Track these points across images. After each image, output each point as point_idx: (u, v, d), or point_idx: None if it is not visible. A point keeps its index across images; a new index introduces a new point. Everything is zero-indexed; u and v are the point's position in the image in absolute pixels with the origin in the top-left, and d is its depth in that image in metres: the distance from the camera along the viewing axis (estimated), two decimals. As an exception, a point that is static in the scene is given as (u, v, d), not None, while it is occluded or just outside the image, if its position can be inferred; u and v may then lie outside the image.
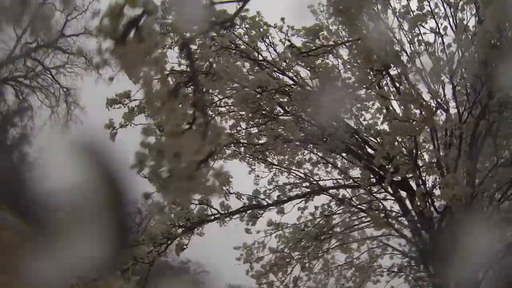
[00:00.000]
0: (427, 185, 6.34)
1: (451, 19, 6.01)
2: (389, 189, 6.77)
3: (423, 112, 5.07)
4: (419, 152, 6.27)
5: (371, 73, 4.63)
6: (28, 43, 26.10)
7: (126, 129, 5.80)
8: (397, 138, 5.77)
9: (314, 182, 7.29)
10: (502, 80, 4.51)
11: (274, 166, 7.25)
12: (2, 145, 23.63)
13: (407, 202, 6.49)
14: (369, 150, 6.56)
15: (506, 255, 6.32)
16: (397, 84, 5.48)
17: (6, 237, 14.76)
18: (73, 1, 27.82)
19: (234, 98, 5.86)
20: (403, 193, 6.52)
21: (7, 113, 24.66)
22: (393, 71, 4.88)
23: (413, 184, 6.35)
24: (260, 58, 6.05)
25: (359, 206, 7.27)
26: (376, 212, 7.10)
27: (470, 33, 5.73)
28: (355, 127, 6.60)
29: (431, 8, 5.91)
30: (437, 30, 6.01)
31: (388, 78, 5.36)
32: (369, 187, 6.98)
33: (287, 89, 5.79)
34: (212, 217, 5.61)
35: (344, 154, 6.98)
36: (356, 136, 6.47)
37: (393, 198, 6.81)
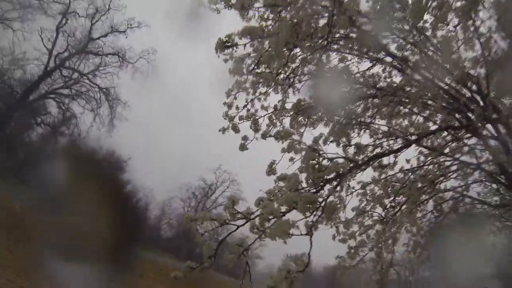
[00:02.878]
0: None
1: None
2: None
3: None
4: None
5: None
6: (60, 53, 26.20)
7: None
8: None
9: (408, 135, 6.36)
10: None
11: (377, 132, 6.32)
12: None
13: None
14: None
15: None
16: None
17: (12, 207, 14.93)
18: (94, 3, 27.46)
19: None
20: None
21: (53, 125, 25.05)
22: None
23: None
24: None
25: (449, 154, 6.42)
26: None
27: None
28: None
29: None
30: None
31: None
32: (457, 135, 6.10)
33: None
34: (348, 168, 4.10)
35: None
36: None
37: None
